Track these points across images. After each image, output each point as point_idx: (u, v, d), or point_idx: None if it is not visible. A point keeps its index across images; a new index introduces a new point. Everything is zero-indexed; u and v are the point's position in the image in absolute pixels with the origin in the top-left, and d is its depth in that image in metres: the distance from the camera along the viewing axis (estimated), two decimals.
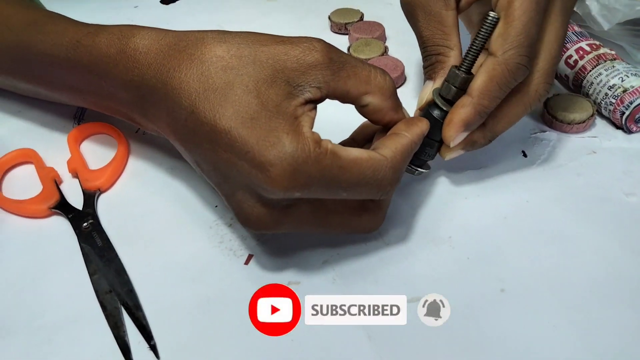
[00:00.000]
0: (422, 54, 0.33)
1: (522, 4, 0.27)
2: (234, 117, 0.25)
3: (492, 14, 0.28)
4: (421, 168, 0.32)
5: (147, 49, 0.29)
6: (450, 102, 0.30)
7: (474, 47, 0.29)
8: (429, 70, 0.33)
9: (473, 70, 0.29)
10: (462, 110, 0.29)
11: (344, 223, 0.29)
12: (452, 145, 0.30)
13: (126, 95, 0.30)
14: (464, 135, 0.30)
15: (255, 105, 0.25)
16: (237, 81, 0.26)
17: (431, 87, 0.32)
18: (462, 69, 0.29)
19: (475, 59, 0.29)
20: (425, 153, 0.31)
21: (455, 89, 0.30)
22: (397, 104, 0.29)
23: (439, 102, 0.30)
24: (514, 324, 0.28)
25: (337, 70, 0.27)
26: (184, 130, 0.27)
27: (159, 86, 0.27)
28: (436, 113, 0.30)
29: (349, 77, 0.27)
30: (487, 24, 0.28)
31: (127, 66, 0.29)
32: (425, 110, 0.31)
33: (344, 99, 0.28)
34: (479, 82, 0.28)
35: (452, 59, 0.31)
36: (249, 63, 0.26)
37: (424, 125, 0.30)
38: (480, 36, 0.28)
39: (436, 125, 0.30)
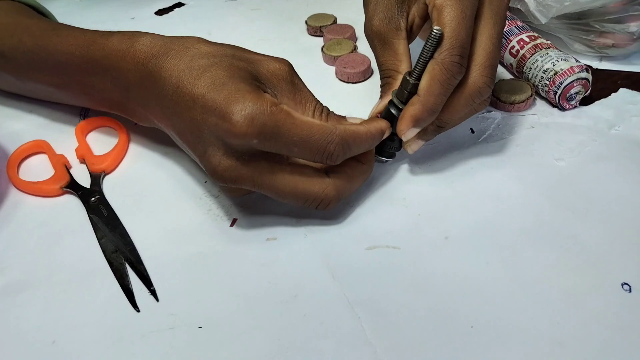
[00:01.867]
0: (380, 75, 0.39)
1: (450, 13, 0.33)
2: (207, 84, 0.31)
3: (435, 28, 0.32)
4: (388, 158, 0.38)
5: (152, 44, 0.35)
6: (405, 104, 0.35)
7: (422, 58, 0.34)
8: (384, 88, 0.39)
9: None
10: (412, 108, 0.34)
11: (297, 186, 0.33)
12: (404, 138, 0.36)
13: (125, 83, 0.37)
14: (416, 130, 0.35)
15: (226, 77, 0.32)
16: (216, 64, 0.32)
17: (383, 104, 0.37)
18: (413, 76, 0.34)
19: (424, 68, 0.34)
20: (390, 146, 0.37)
21: (407, 92, 0.35)
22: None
23: (395, 101, 0.36)
24: (455, 264, 0.33)
25: (294, 92, 0.34)
26: (169, 104, 0.33)
27: (155, 70, 0.34)
28: (394, 111, 0.36)
29: (300, 102, 0.34)
30: (431, 38, 0.33)
31: (134, 58, 0.36)
32: (386, 109, 0.37)
33: None
34: (423, 82, 0.34)
35: (399, 82, 0.36)
36: (228, 56, 0.34)
37: (382, 123, 0.35)
38: (427, 48, 0.33)
39: (394, 122, 0.36)
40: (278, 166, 0.33)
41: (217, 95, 0.31)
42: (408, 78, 0.35)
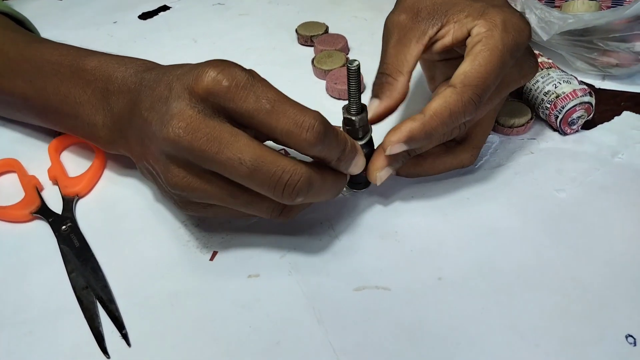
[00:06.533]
0: (378, 69, 0.35)
1: (490, 56, 0.31)
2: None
3: (355, 62, 0.31)
4: (352, 188, 0.37)
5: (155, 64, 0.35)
6: (360, 140, 0.33)
7: (351, 91, 0.32)
8: (377, 87, 0.35)
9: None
10: (411, 123, 0.31)
11: (264, 155, 0.28)
12: (389, 151, 0.32)
13: (112, 90, 0.35)
14: (403, 147, 0.32)
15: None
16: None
17: (377, 104, 0.34)
18: (352, 111, 0.33)
19: (359, 101, 0.32)
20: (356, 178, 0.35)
21: (351, 129, 0.33)
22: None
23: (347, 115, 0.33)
24: (448, 309, 0.31)
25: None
26: (152, 86, 0.32)
27: (154, 76, 0.33)
28: (347, 128, 0.33)
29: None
30: (351, 72, 0.31)
31: (133, 64, 0.35)
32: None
33: None
34: (434, 104, 0.31)
35: (399, 83, 0.34)
36: None
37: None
38: (353, 83, 0.32)
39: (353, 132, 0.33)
40: (242, 130, 0.29)
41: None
42: (348, 115, 0.33)
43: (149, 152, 0.31)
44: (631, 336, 0.29)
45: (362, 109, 0.33)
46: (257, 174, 0.28)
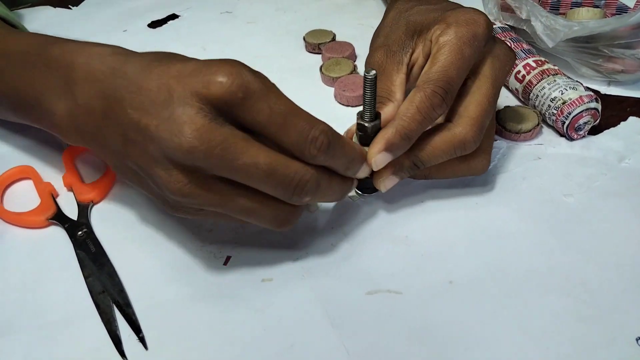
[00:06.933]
0: None
1: (446, 52, 0.33)
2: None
3: (372, 72, 0.31)
4: (362, 192, 0.37)
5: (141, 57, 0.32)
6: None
7: (366, 99, 0.32)
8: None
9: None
10: (385, 130, 0.33)
11: (276, 159, 0.29)
12: (375, 165, 0.32)
13: (76, 77, 0.33)
14: (388, 156, 0.32)
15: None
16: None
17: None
18: (365, 119, 0.33)
19: (373, 108, 0.33)
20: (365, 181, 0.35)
21: (363, 135, 0.33)
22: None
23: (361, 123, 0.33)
24: (459, 312, 0.32)
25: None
26: (129, 88, 0.30)
27: (126, 61, 0.31)
28: (360, 134, 0.34)
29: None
30: (367, 81, 0.32)
31: (105, 48, 0.33)
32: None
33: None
34: (402, 107, 0.33)
35: (389, 108, 0.35)
36: None
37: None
38: (368, 91, 0.32)
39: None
40: (253, 138, 0.29)
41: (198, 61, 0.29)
42: (361, 122, 0.33)
43: (140, 154, 0.30)
44: None
45: (376, 116, 0.33)
46: (273, 177, 0.29)
